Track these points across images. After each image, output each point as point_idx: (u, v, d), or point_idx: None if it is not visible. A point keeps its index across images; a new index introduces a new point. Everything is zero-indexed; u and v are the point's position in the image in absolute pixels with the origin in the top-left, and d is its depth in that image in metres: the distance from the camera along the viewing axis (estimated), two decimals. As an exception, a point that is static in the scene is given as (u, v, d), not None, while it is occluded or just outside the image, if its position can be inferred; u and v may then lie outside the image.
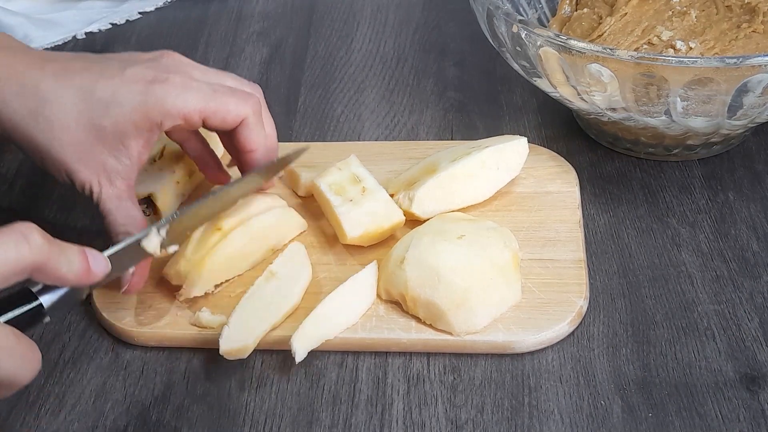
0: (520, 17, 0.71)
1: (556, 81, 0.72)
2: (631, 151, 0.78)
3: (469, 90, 0.88)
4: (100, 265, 0.54)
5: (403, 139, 0.83)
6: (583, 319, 0.64)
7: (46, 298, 0.53)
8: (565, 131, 0.81)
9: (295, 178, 0.75)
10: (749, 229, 0.71)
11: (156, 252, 0.60)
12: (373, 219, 0.68)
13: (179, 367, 0.64)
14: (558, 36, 0.68)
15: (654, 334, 0.63)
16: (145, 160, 0.64)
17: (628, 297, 0.66)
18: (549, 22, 0.84)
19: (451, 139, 0.82)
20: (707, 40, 0.75)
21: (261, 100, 0.67)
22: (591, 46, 0.67)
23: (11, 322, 0.51)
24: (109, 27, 1.02)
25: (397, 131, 0.84)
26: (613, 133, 0.78)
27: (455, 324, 0.62)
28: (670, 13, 0.77)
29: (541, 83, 0.75)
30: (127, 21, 1.03)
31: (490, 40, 0.77)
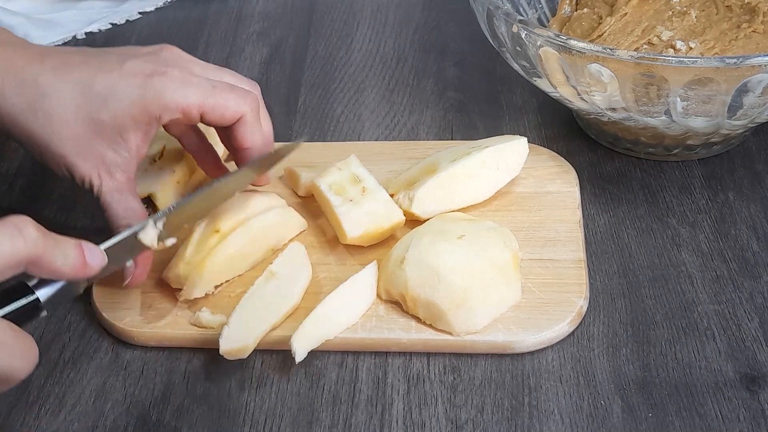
0: (520, 17, 0.71)
1: (556, 81, 0.72)
2: (631, 151, 0.78)
3: (469, 90, 0.88)
4: (96, 258, 0.54)
5: (403, 139, 0.83)
6: (583, 319, 0.64)
7: (43, 292, 0.53)
8: (565, 131, 0.81)
9: (295, 178, 0.75)
10: (749, 229, 0.71)
11: (153, 245, 0.60)
12: (373, 219, 0.68)
13: (179, 367, 0.64)
14: (558, 36, 0.68)
15: (654, 334, 0.63)
16: (144, 153, 0.64)
17: (628, 297, 0.66)
18: (549, 22, 0.83)
19: (451, 139, 0.82)
20: (707, 40, 0.75)
21: (259, 97, 0.67)
22: (591, 46, 0.67)
23: (8, 316, 0.51)
24: (109, 27, 1.02)
25: (397, 131, 0.84)
26: (613, 133, 0.78)
27: (455, 324, 0.62)
28: (670, 13, 0.77)
29: (541, 83, 0.75)
30: (127, 21, 1.03)
31: (490, 40, 0.77)
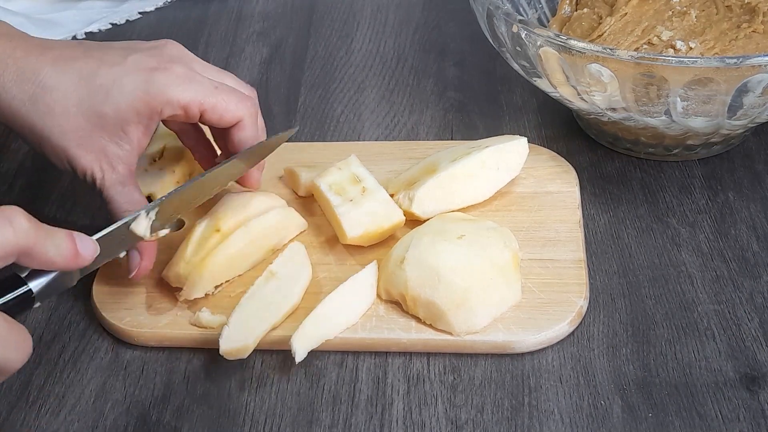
0: (520, 17, 0.71)
1: (556, 81, 0.72)
2: (631, 151, 0.78)
3: (469, 90, 0.88)
4: (88, 249, 0.54)
5: (403, 139, 0.83)
6: (583, 319, 0.64)
7: (35, 283, 0.53)
8: (565, 131, 0.81)
9: (295, 178, 0.75)
10: (749, 229, 0.71)
11: (146, 235, 0.60)
12: (373, 219, 0.68)
13: (179, 367, 0.64)
14: (558, 36, 0.68)
15: (654, 334, 0.63)
16: (145, 146, 0.64)
17: (628, 297, 0.66)
18: (549, 22, 0.83)
19: (451, 139, 0.82)
20: (707, 40, 0.75)
21: (256, 104, 0.67)
22: (591, 46, 0.67)
23: (0, 308, 0.51)
24: (109, 27, 1.02)
25: (397, 131, 0.84)
26: (613, 133, 0.78)
27: (455, 324, 0.62)
28: (670, 13, 0.77)
29: (541, 83, 0.75)
30: (127, 21, 1.03)
31: (490, 40, 0.77)
